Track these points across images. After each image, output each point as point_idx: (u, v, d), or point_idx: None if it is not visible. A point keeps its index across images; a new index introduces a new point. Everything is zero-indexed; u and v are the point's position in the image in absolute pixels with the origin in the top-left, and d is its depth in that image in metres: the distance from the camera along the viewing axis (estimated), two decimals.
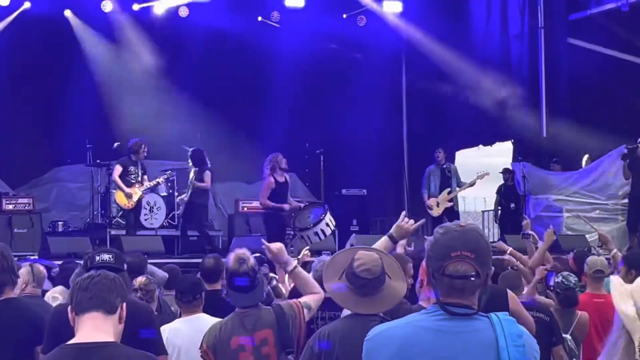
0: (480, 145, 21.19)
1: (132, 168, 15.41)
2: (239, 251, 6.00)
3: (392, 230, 5.96)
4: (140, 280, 7.31)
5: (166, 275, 9.28)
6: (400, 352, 3.22)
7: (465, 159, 21.08)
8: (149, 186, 15.74)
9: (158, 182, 16.03)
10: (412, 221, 5.98)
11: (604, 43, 19.44)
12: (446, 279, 3.22)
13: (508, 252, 9.63)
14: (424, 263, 3.36)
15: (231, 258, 5.92)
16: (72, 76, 18.58)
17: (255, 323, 5.73)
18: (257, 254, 6.81)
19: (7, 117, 18.10)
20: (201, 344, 5.90)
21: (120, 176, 15.33)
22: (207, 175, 15.68)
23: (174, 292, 7.26)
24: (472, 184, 17.51)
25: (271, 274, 8.99)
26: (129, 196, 15.33)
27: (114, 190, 15.67)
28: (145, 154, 15.64)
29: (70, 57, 18.88)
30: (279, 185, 14.55)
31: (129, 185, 15.33)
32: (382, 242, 5.93)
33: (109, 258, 5.52)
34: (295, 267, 6.11)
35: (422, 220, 6.17)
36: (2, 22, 18.32)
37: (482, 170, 17.45)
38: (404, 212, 6.02)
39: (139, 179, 15.46)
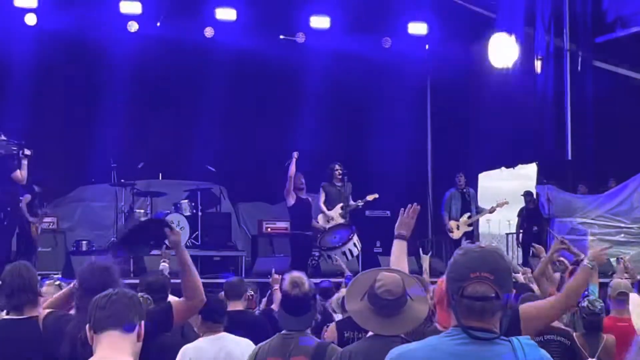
0: (504, 168, 21.14)
1: (36, 201, 15.71)
2: (295, 274, 5.97)
3: (396, 230, 5.89)
4: None
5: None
6: None
7: (489, 181, 21.02)
8: (43, 218, 15.95)
9: (46, 213, 16.24)
10: (411, 209, 5.88)
11: (630, 66, 19.35)
12: (465, 300, 3.17)
13: (542, 260, 9.59)
14: (438, 284, 3.32)
15: (287, 280, 5.90)
16: (98, 95, 18.68)
17: (292, 347, 5.69)
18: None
19: (32, 136, 18.16)
20: None
21: (28, 205, 15.49)
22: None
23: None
24: (491, 211, 17.62)
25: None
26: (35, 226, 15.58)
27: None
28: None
29: (95, 76, 18.97)
30: (302, 204, 14.58)
31: (35, 215, 15.56)
32: (395, 246, 5.89)
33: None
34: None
35: (417, 206, 6.06)
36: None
37: (502, 198, 17.55)
38: (402, 209, 5.97)
39: (39, 209, 15.80)
